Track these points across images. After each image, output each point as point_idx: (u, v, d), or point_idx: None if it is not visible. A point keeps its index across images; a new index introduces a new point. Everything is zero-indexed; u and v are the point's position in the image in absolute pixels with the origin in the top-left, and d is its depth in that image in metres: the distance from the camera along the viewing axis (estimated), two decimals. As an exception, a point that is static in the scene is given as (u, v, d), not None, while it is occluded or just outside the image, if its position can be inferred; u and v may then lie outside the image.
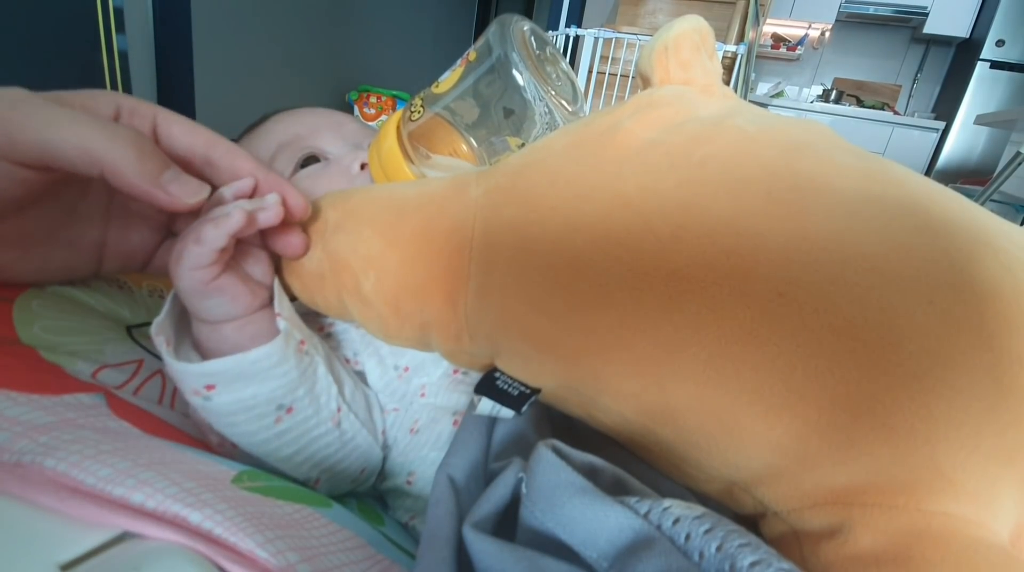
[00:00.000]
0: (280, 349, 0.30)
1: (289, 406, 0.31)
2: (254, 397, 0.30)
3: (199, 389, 0.29)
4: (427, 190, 0.32)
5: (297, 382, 0.31)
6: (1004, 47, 3.09)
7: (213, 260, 0.28)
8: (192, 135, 0.31)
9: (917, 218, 0.26)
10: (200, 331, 0.31)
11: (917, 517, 0.22)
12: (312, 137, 0.45)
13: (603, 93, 2.12)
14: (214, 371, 0.29)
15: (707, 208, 0.26)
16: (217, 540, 0.20)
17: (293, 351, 0.31)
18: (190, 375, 0.29)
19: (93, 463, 0.21)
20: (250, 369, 0.29)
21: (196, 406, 0.30)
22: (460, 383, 0.40)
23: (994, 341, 0.23)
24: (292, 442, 0.32)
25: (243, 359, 0.29)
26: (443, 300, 0.30)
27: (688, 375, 0.25)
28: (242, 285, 0.30)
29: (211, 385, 0.29)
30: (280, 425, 0.31)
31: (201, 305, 0.29)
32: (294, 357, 0.31)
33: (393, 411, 0.39)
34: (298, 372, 0.31)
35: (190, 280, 0.28)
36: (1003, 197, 1.88)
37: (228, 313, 0.30)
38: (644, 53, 0.35)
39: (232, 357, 0.29)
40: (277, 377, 0.30)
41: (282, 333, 0.30)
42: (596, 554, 0.20)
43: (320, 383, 0.33)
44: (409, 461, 0.38)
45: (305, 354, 0.32)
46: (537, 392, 0.30)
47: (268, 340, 0.30)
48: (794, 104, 3.30)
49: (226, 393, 0.29)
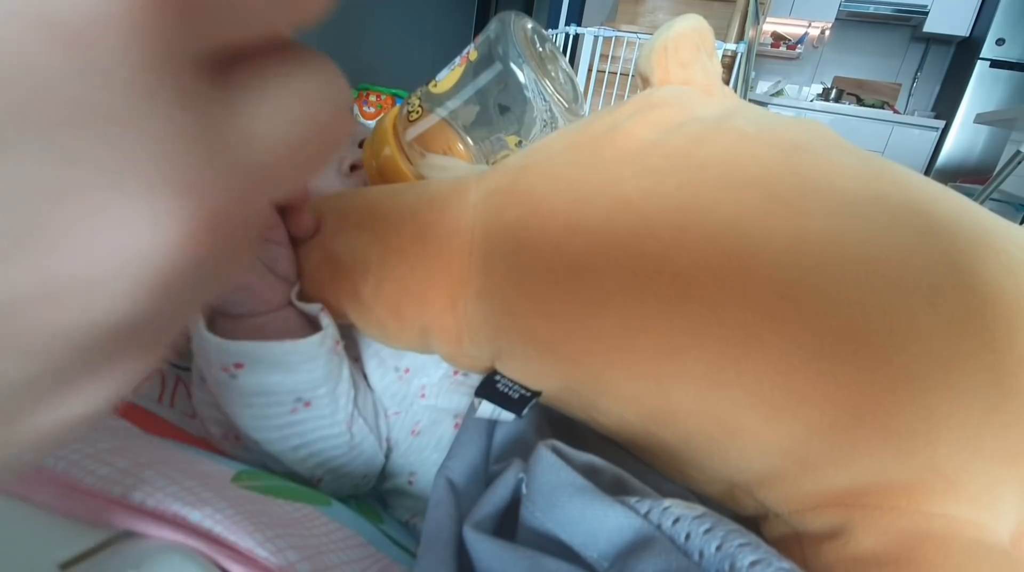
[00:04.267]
0: (315, 346, 0.30)
1: (308, 400, 0.32)
2: (278, 385, 0.30)
3: (228, 366, 0.29)
4: (426, 193, 0.32)
5: (322, 380, 0.31)
6: (1004, 46, 3.09)
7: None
8: None
9: (918, 220, 0.26)
10: (222, 322, 0.31)
11: (918, 519, 0.22)
12: None
13: (603, 92, 2.11)
14: (247, 351, 0.29)
15: (708, 210, 0.26)
16: (217, 539, 0.20)
17: (326, 350, 0.31)
18: (223, 351, 0.29)
19: (92, 462, 0.21)
20: (281, 358, 0.30)
21: (220, 383, 0.30)
22: (461, 385, 0.40)
23: (995, 343, 0.23)
24: (301, 435, 0.32)
25: (276, 348, 0.29)
26: (443, 303, 0.30)
27: (689, 377, 0.25)
28: (264, 280, 0.30)
29: (240, 364, 0.29)
30: (295, 416, 0.32)
31: (224, 298, 0.30)
32: (325, 356, 0.31)
33: (394, 414, 0.39)
34: (324, 371, 0.31)
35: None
36: (1003, 196, 1.88)
37: (250, 309, 0.30)
38: (644, 53, 0.35)
39: (265, 343, 0.29)
40: (305, 371, 0.31)
41: (323, 330, 0.31)
42: (596, 554, 0.20)
43: (342, 385, 0.33)
44: (410, 462, 0.38)
45: (336, 355, 0.32)
46: (538, 395, 0.30)
47: (293, 337, 0.30)
48: (794, 103, 3.29)
49: (252, 374, 0.30)
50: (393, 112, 0.39)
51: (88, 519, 0.20)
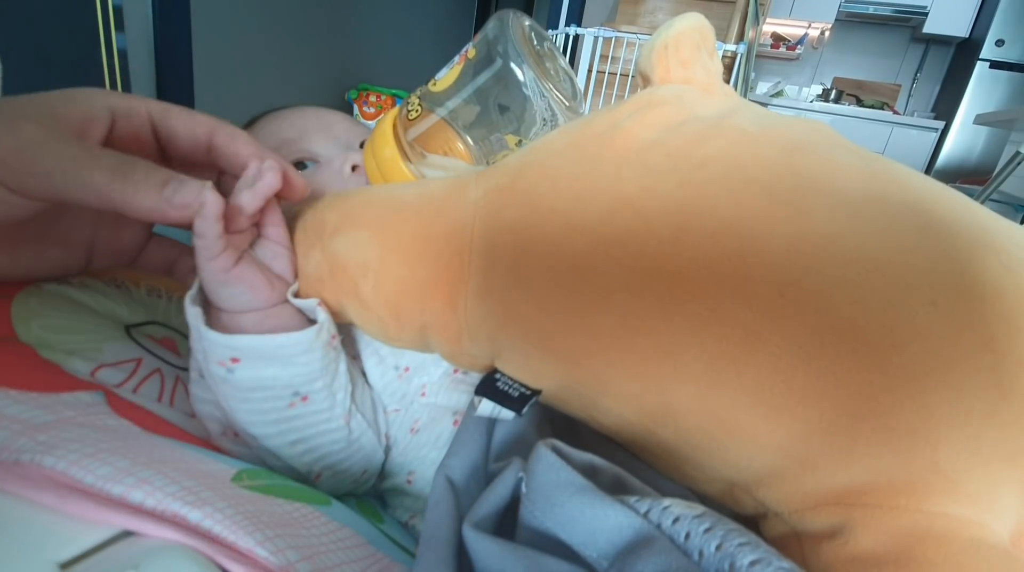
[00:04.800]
0: (310, 338, 0.31)
1: (305, 395, 0.32)
2: (274, 379, 0.31)
3: (224, 360, 0.30)
4: (426, 192, 0.32)
5: (318, 374, 0.32)
6: (1004, 47, 3.09)
7: (220, 248, 0.28)
8: (192, 124, 0.31)
9: (919, 218, 0.26)
10: (219, 317, 0.31)
11: (918, 518, 0.22)
12: (301, 140, 0.45)
13: (603, 92, 2.11)
14: (242, 345, 0.29)
15: (708, 209, 0.26)
16: (216, 538, 0.20)
17: (322, 343, 0.31)
18: (219, 346, 0.29)
19: (92, 461, 0.21)
20: (277, 352, 0.30)
21: (218, 378, 0.30)
22: (460, 383, 0.40)
23: (996, 342, 0.23)
24: (299, 430, 0.33)
25: (271, 341, 0.30)
26: (443, 302, 0.30)
27: (689, 376, 0.25)
28: (261, 276, 0.30)
29: (236, 358, 0.30)
30: (292, 410, 0.32)
31: (221, 293, 0.30)
32: (321, 349, 0.31)
33: (394, 412, 0.39)
34: (321, 365, 0.32)
35: (208, 271, 0.29)
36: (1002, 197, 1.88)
37: (247, 303, 0.30)
38: (644, 52, 0.35)
39: (261, 336, 0.30)
40: (301, 364, 0.31)
41: (319, 324, 0.31)
42: (596, 553, 0.20)
43: (339, 380, 0.34)
44: (409, 460, 0.38)
45: (333, 349, 0.33)
46: (538, 393, 0.30)
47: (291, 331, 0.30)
48: (793, 103, 3.30)
49: (249, 369, 0.30)
50: (393, 112, 0.39)
51: (88, 519, 0.20)
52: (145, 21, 1.87)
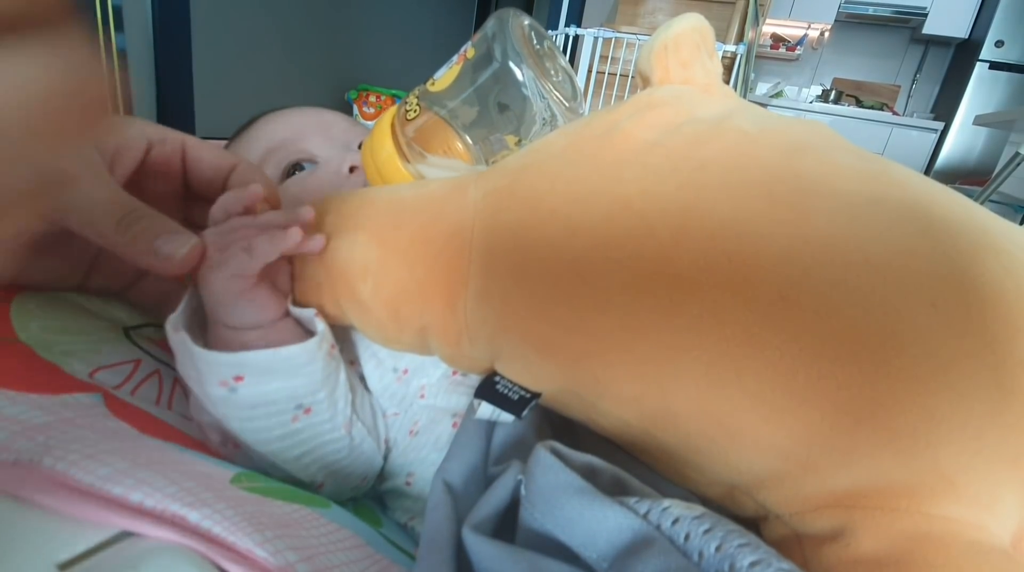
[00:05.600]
0: (313, 349, 0.30)
1: (308, 407, 0.32)
2: (278, 392, 0.30)
3: (227, 380, 0.29)
4: (425, 193, 0.32)
5: (320, 384, 0.31)
6: (1003, 48, 3.09)
7: (258, 271, 0.28)
8: (218, 160, 0.35)
9: (919, 220, 0.26)
10: (221, 335, 0.31)
11: (919, 520, 0.22)
12: (299, 141, 0.45)
13: (603, 93, 2.11)
14: (248, 362, 0.29)
15: (708, 211, 0.26)
16: (215, 539, 0.20)
17: (324, 353, 0.31)
18: (222, 365, 0.29)
19: (91, 462, 0.21)
20: (282, 364, 0.30)
21: (218, 399, 0.30)
22: (460, 384, 0.40)
23: (996, 344, 0.23)
24: (303, 443, 0.32)
25: (276, 354, 0.29)
26: (442, 304, 0.30)
27: (689, 379, 0.25)
28: (271, 294, 0.31)
29: (240, 376, 0.29)
30: (296, 424, 0.32)
31: (230, 311, 0.30)
32: (322, 359, 0.31)
33: (393, 416, 0.39)
34: (323, 374, 0.31)
35: (227, 286, 0.29)
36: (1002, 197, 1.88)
37: (255, 320, 0.30)
38: (644, 52, 0.35)
39: (268, 351, 0.29)
40: (304, 375, 0.31)
41: (319, 334, 0.31)
42: (596, 555, 0.20)
43: (339, 389, 0.33)
44: (408, 462, 0.38)
45: (333, 358, 0.32)
46: (537, 396, 0.30)
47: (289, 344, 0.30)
48: (793, 104, 3.30)
49: (253, 385, 0.29)
50: (391, 112, 0.39)
51: (87, 519, 0.20)
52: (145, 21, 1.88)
